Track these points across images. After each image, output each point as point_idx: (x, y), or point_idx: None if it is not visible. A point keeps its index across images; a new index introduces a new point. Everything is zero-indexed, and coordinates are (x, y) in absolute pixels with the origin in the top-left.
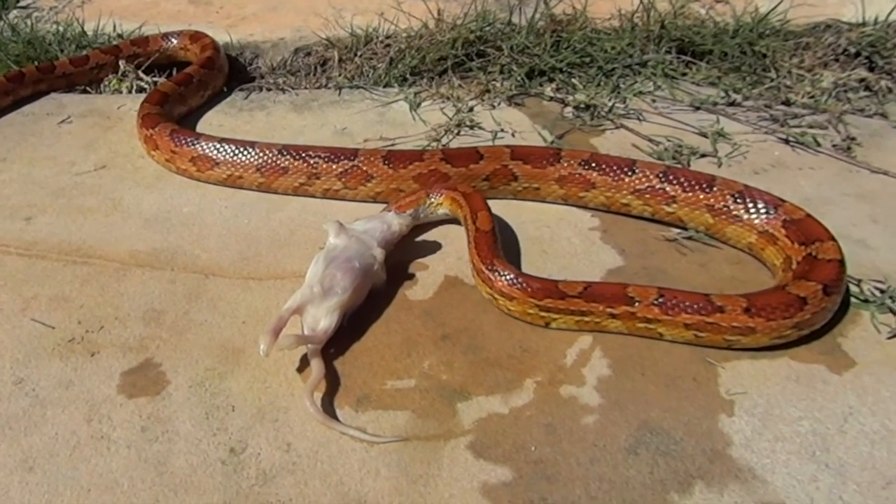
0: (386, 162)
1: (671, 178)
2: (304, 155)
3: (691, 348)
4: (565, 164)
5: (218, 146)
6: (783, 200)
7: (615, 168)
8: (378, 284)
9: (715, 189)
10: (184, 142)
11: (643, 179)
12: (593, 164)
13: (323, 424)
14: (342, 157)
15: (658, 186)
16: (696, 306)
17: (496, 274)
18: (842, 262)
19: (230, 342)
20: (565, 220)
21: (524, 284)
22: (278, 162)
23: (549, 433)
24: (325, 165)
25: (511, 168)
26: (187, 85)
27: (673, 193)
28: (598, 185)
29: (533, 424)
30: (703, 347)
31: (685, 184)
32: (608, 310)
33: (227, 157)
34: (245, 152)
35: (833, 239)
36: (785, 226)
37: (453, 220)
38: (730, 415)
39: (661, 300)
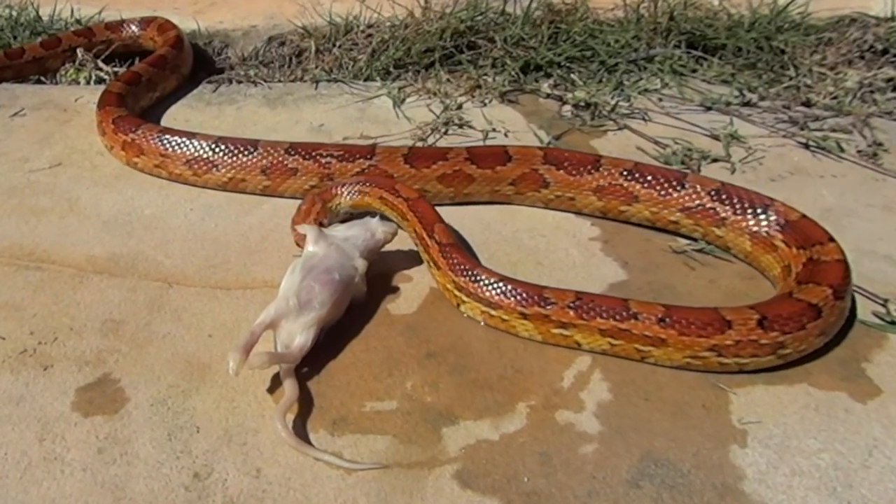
0: (407, 161)
1: (724, 197)
2: (315, 154)
3: (699, 372)
4: (605, 173)
5: (216, 146)
6: (832, 239)
7: (663, 181)
8: (358, 297)
9: (768, 214)
10: (176, 144)
11: (694, 196)
12: (637, 175)
13: (295, 449)
14: (358, 156)
15: (710, 206)
16: (610, 311)
17: (433, 240)
18: (813, 307)
19: (195, 357)
20: (563, 228)
21: (449, 255)
22: (286, 163)
23: (543, 462)
24: (339, 165)
25: (542, 173)
26: (136, 84)
27: (724, 215)
28: (642, 199)
29: (526, 453)
30: (617, 358)
31: (738, 205)
32: (519, 308)
33: (228, 158)
34: (248, 152)
35: (833, 287)
36: (806, 264)
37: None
38: (742, 446)
39: (576, 303)
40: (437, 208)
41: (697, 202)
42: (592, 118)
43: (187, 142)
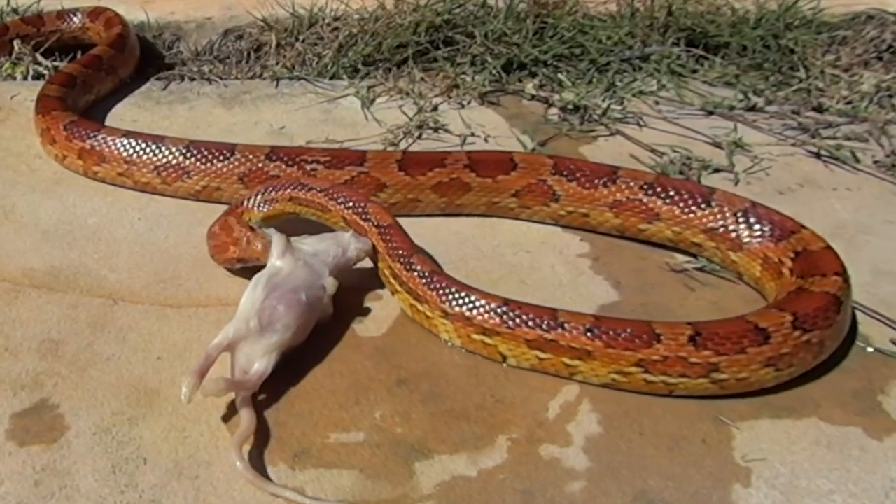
0: (402, 168)
1: (752, 218)
2: (299, 160)
3: (699, 405)
4: (623, 187)
5: (188, 151)
6: (839, 274)
7: (686, 197)
8: (323, 319)
9: (789, 242)
10: (143, 149)
11: (719, 216)
12: (659, 189)
13: (253, 484)
14: (347, 162)
15: (732, 227)
16: (537, 320)
17: (370, 223)
18: (759, 330)
19: (142, 381)
20: (549, 244)
21: (388, 236)
22: (267, 169)
23: (526, 501)
24: (326, 173)
25: (551, 185)
26: (71, 86)
27: (746, 239)
28: (663, 217)
29: (507, 490)
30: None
31: (765, 229)
32: (442, 305)
33: (202, 164)
34: (224, 158)
35: (796, 315)
36: (790, 293)
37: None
38: (746, 485)
39: (502, 309)
40: (423, 219)
41: (721, 223)
42: (582, 122)
43: (156, 147)
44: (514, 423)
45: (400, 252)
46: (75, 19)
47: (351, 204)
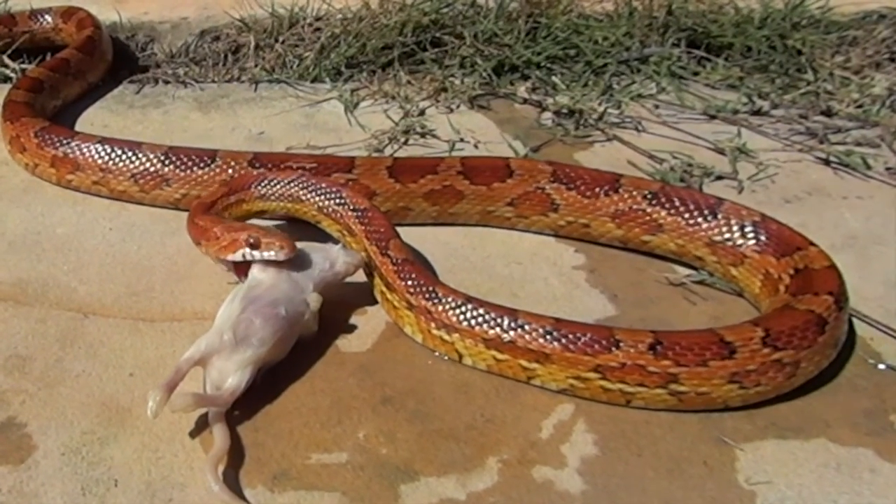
0: (392, 175)
1: (760, 233)
2: (284, 167)
3: (701, 425)
4: (625, 196)
5: (166, 158)
6: (833, 294)
7: (691, 207)
8: (306, 336)
9: (792, 257)
10: (120, 156)
11: (725, 228)
12: (663, 199)
13: None
14: (335, 170)
15: (739, 241)
16: (497, 319)
17: (346, 207)
18: (724, 344)
19: (114, 399)
20: (542, 255)
21: (366, 219)
22: None
23: None
24: None
25: (549, 193)
26: (39, 92)
27: (748, 254)
28: (666, 229)
29: None
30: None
31: (770, 243)
32: (407, 296)
33: (181, 171)
34: (205, 165)
35: (768, 332)
36: (775, 310)
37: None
38: None
39: (464, 306)
40: (409, 229)
41: (727, 236)
42: (577, 127)
43: (133, 153)
44: (506, 443)
45: (378, 235)
46: (48, 19)
47: (324, 191)
